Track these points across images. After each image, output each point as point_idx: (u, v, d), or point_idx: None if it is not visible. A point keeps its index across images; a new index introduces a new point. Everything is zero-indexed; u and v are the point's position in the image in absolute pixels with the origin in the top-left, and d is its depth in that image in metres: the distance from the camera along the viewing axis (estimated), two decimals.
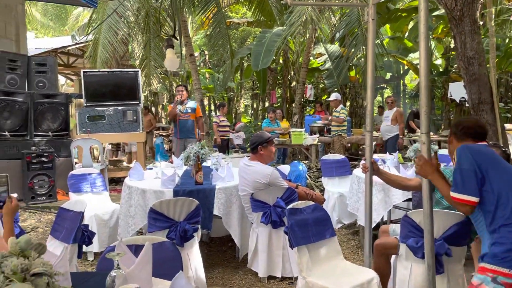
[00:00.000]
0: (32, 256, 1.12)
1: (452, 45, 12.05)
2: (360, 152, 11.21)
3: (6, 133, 5.99)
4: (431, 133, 9.76)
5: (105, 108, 6.84)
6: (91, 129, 6.70)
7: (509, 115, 12.14)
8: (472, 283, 1.94)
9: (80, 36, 11.93)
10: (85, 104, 6.87)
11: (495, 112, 4.32)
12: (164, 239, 2.20)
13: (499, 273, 1.86)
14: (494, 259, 1.89)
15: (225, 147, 9.28)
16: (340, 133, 8.29)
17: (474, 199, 1.99)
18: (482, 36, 7.21)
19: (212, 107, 19.08)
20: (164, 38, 9.98)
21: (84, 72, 7.11)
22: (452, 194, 2.06)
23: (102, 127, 6.75)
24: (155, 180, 4.05)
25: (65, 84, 18.39)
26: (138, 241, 2.13)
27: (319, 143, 8.87)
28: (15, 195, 3.00)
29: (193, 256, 3.20)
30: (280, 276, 3.56)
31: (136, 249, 2.04)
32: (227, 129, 9.49)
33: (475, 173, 2.00)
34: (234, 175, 4.01)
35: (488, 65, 4.75)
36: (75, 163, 6.36)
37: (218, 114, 9.82)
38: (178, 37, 10.18)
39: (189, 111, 6.74)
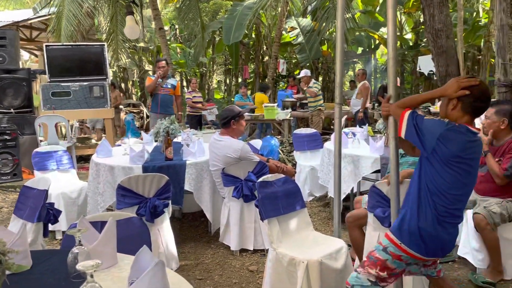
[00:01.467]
0: None
1: (422, 19, 12.16)
2: (332, 127, 11.32)
3: None
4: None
5: (70, 84, 6.58)
6: (56, 105, 6.46)
7: None
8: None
9: (41, 8, 11.35)
10: (49, 80, 6.60)
11: None
12: (132, 214, 2.15)
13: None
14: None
15: (197, 123, 9.18)
16: (319, 107, 8.31)
17: None
18: (451, 10, 7.29)
19: (185, 83, 18.77)
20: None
21: (46, 45, 6.79)
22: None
23: (67, 104, 6.52)
24: (124, 156, 3.96)
25: (29, 60, 17.63)
26: (104, 217, 2.08)
27: (292, 118, 8.88)
28: None
29: (164, 232, 3.18)
30: (252, 249, 3.59)
31: (102, 225, 1.98)
32: (200, 105, 9.36)
33: None
34: (205, 150, 3.97)
35: (455, 39, 4.81)
36: (40, 141, 6.15)
37: (189, 90, 9.65)
38: (138, 3, 9.74)
39: (169, 86, 6.54)
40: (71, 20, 8.71)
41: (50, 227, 3.21)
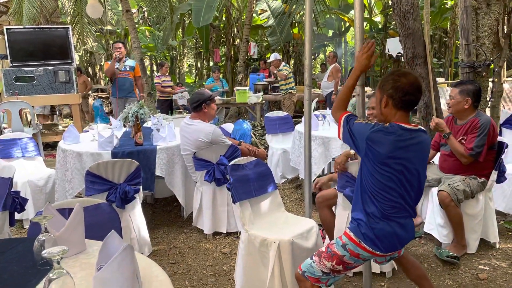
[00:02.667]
0: None
1: (390, 2, 12.29)
2: (303, 110, 11.40)
3: None
4: (369, 88, 10.03)
5: (33, 68, 6.34)
6: (20, 91, 6.23)
7: (441, 70, 12.79)
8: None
9: None
10: (11, 64, 6.33)
11: (428, 66, 4.50)
12: (101, 201, 2.12)
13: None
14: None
15: (168, 108, 9.04)
16: (290, 90, 8.33)
17: None
18: None
19: (154, 67, 18.39)
20: None
21: (7, 29, 6.50)
22: None
23: (32, 89, 6.29)
24: (92, 142, 3.88)
25: None
26: (71, 204, 2.04)
27: (264, 101, 8.89)
28: None
29: (136, 218, 3.15)
30: (225, 232, 3.61)
31: (69, 212, 1.94)
32: (169, 89, 9.20)
33: None
34: (176, 135, 3.93)
35: (422, 21, 4.89)
36: (4, 128, 5.93)
37: (158, 74, 9.46)
38: None
39: (128, 69, 6.41)
40: (33, 2, 8.34)
41: (17, 216, 3.14)
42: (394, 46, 9.35)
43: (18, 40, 6.47)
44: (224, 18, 14.60)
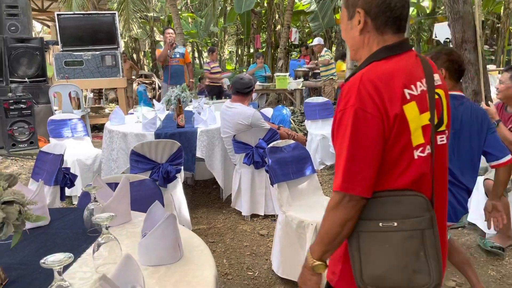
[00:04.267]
0: (2, 186, 1.11)
1: None
2: None
3: None
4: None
5: (82, 53, 6.61)
6: (69, 74, 6.51)
7: (493, 58, 12.16)
8: None
9: None
10: (61, 49, 6.62)
11: (478, 51, 4.30)
12: (145, 177, 2.21)
13: None
14: None
15: (218, 93, 9.07)
16: (331, 77, 8.22)
17: None
18: None
19: (196, 54, 18.64)
20: None
21: (58, 15, 6.79)
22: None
23: (80, 73, 6.56)
24: (136, 124, 4.01)
25: (41, 31, 17.64)
26: (118, 179, 2.14)
27: (304, 88, 8.82)
28: None
29: (177, 197, 3.25)
30: (263, 214, 3.66)
31: (116, 186, 2.04)
32: (218, 75, 9.22)
33: None
34: (216, 118, 3.99)
35: (473, 5, 4.66)
36: (55, 110, 6.24)
37: (208, 60, 9.49)
38: None
39: (178, 56, 6.53)
40: None
41: (67, 191, 3.32)
42: (442, 32, 8.98)
43: (68, 26, 6.75)
44: (265, 4, 14.53)
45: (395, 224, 1.09)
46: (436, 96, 1.17)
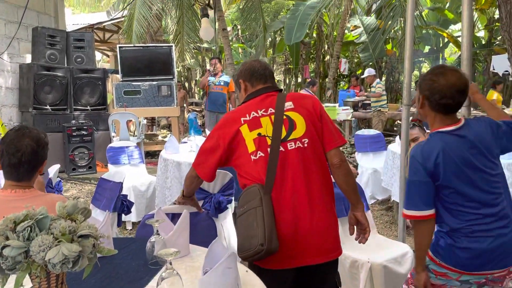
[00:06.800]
0: (79, 219, 1.18)
1: (496, 16, 11.43)
2: (395, 128, 10.97)
3: (48, 107, 6.23)
4: (473, 109, 9.36)
5: (140, 83, 6.94)
6: (128, 103, 6.85)
7: None
8: None
9: (115, 12, 12.07)
10: (121, 79, 7.01)
11: None
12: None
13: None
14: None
15: None
16: (379, 108, 8.10)
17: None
18: None
19: None
20: (198, 11, 9.93)
21: (120, 47, 7.22)
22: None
23: (138, 102, 6.88)
24: (190, 153, 4.12)
25: (101, 60, 18.79)
26: (175, 210, 2.20)
27: (353, 118, 8.74)
28: (57, 166, 3.16)
29: (227, 227, 3.28)
30: None
31: (173, 217, 2.11)
32: None
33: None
34: None
35: None
36: (113, 136, 6.56)
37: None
38: (213, 6, 10.08)
39: (222, 83, 6.76)
40: (141, 22, 9.18)
41: (123, 217, 3.45)
42: (500, 64, 8.64)
43: (128, 57, 7.15)
44: (315, 35, 14.70)
45: (245, 207, 1.67)
46: (285, 117, 1.73)
